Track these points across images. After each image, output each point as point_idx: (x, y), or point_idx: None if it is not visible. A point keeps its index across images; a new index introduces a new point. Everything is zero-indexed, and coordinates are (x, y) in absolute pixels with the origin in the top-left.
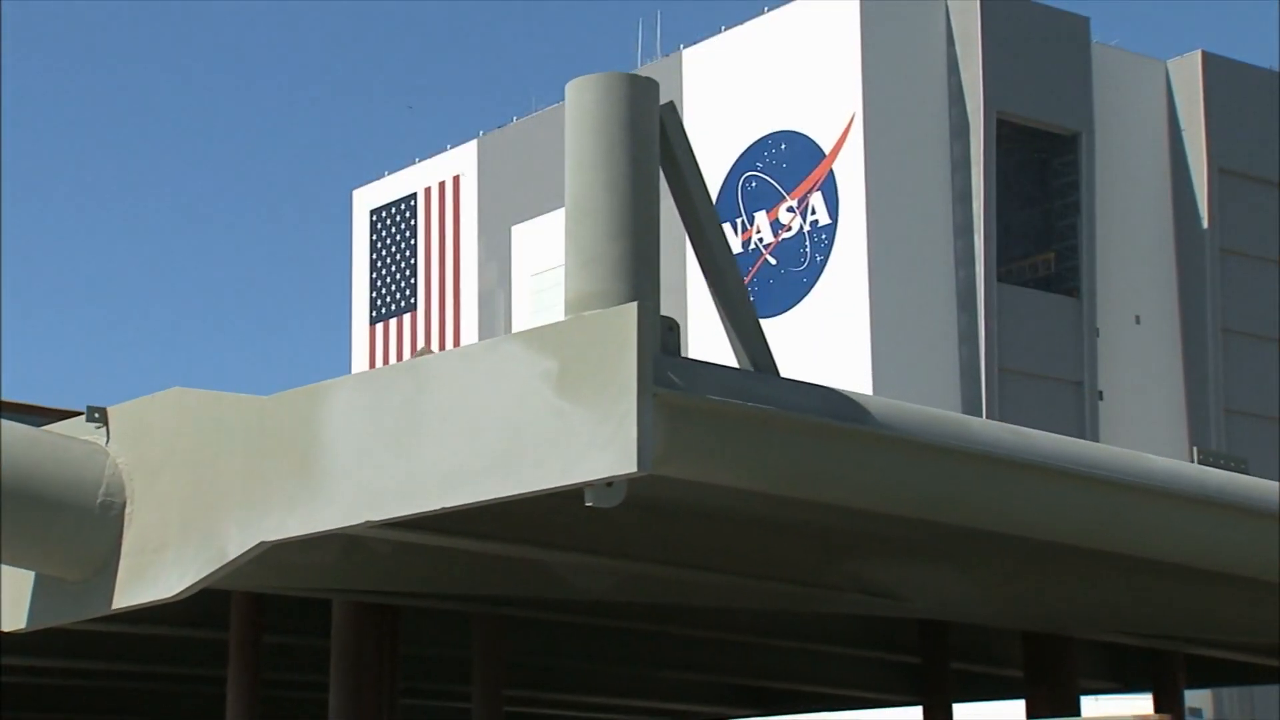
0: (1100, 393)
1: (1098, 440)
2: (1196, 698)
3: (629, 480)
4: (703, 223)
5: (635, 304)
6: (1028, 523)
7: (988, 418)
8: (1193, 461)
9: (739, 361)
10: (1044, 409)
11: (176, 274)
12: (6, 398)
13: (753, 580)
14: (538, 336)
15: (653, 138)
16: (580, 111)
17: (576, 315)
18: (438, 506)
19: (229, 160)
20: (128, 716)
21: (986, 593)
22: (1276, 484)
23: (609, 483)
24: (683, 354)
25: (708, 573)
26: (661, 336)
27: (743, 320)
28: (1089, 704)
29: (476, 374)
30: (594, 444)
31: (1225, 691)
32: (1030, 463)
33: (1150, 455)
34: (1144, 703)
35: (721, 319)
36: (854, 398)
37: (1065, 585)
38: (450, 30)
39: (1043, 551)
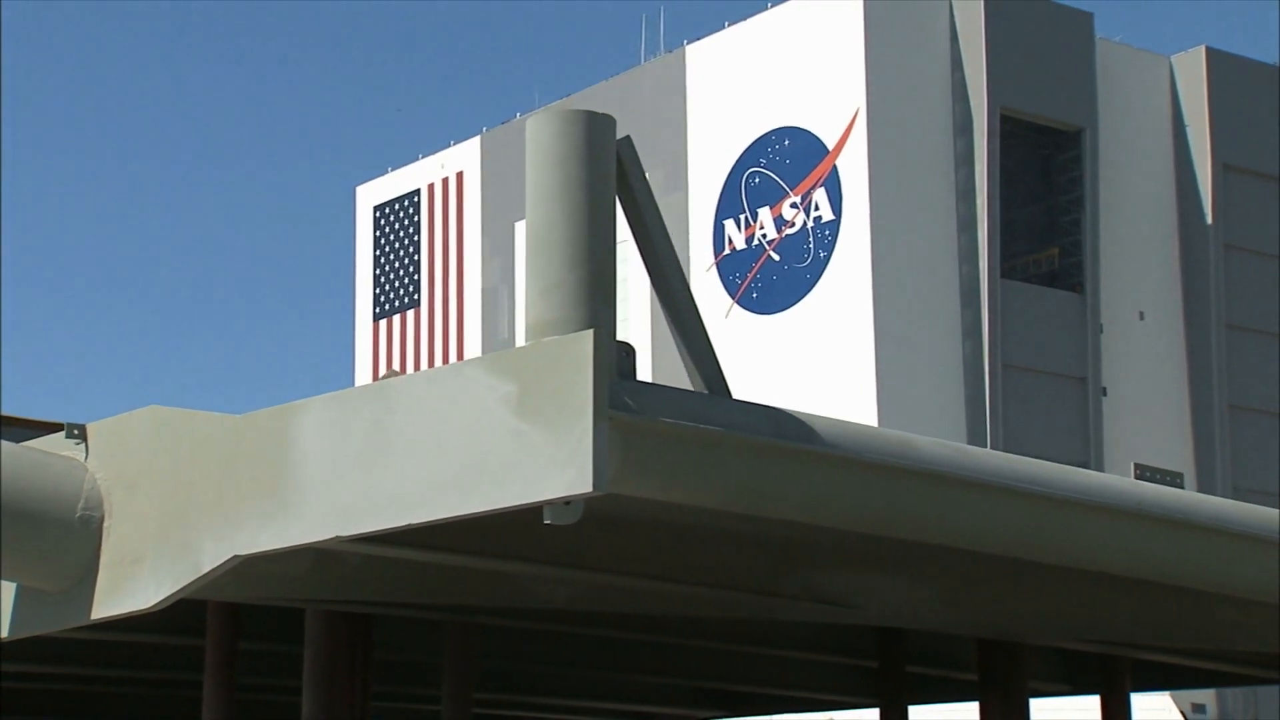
0: (1104, 388)
1: (1101, 436)
2: (1201, 694)
3: (586, 499)
4: (658, 251)
5: (591, 331)
6: (972, 537)
7: (991, 414)
8: (1131, 476)
9: (692, 384)
10: (1047, 405)
11: (182, 270)
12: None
13: (711, 590)
14: (499, 361)
15: (610, 171)
16: (540, 146)
17: (536, 341)
18: (404, 523)
19: (232, 157)
20: (107, 719)
21: (939, 601)
22: (1211, 498)
23: (566, 501)
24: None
25: (667, 583)
26: (617, 361)
27: (696, 344)
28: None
29: (440, 396)
30: (552, 464)
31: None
32: (973, 480)
33: (1089, 471)
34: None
35: (676, 342)
36: (802, 418)
37: (1015, 594)
38: (454, 27)
39: (991, 563)
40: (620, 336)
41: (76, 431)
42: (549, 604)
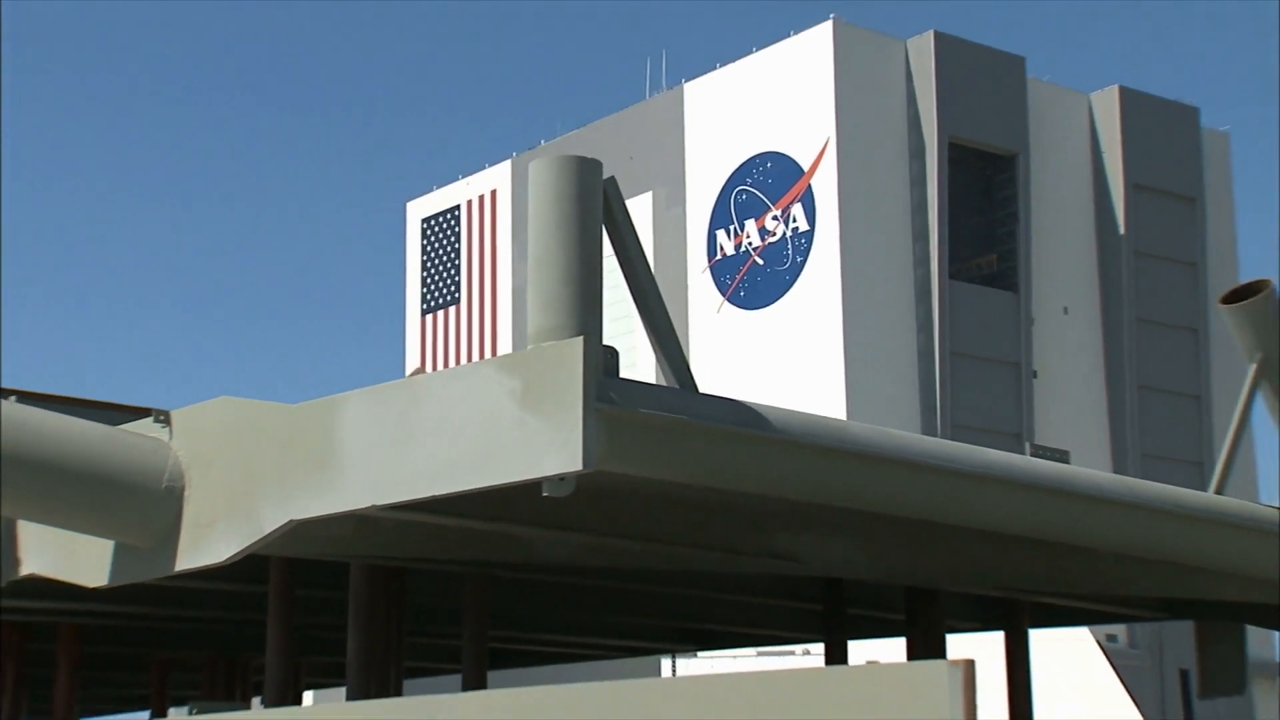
0: (1035, 372)
1: (1033, 413)
2: (1114, 626)
3: (578, 475)
4: (638, 271)
5: (582, 337)
6: (897, 504)
7: (941, 393)
8: (1028, 454)
9: (666, 380)
10: (988, 386)
11: (258, 274)
12: (97, 398)
13: (683, 548)
14: (506, 362)
15: (597, 206)
16: (540, 186)
17: (536, 345)
18: (428, 494)
19: (301, 179)
20: (189, 650)
21: (871, 556)
22: (1092, 471)
23: (561, 477)
24: (623, 373)
25: (648, 542)
26: (604, 362)
27: (669, 348)
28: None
29: (458, 391)
30: (549, 447)
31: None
32: (897, 458)
33: (989, 450)
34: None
35: (652, 346)
36: (756, 408)
37: (932, 550)
38: (490, 66)
39: (913, 525)
40: (625, 339)
41: (162, 417)
42: (550, 560)
